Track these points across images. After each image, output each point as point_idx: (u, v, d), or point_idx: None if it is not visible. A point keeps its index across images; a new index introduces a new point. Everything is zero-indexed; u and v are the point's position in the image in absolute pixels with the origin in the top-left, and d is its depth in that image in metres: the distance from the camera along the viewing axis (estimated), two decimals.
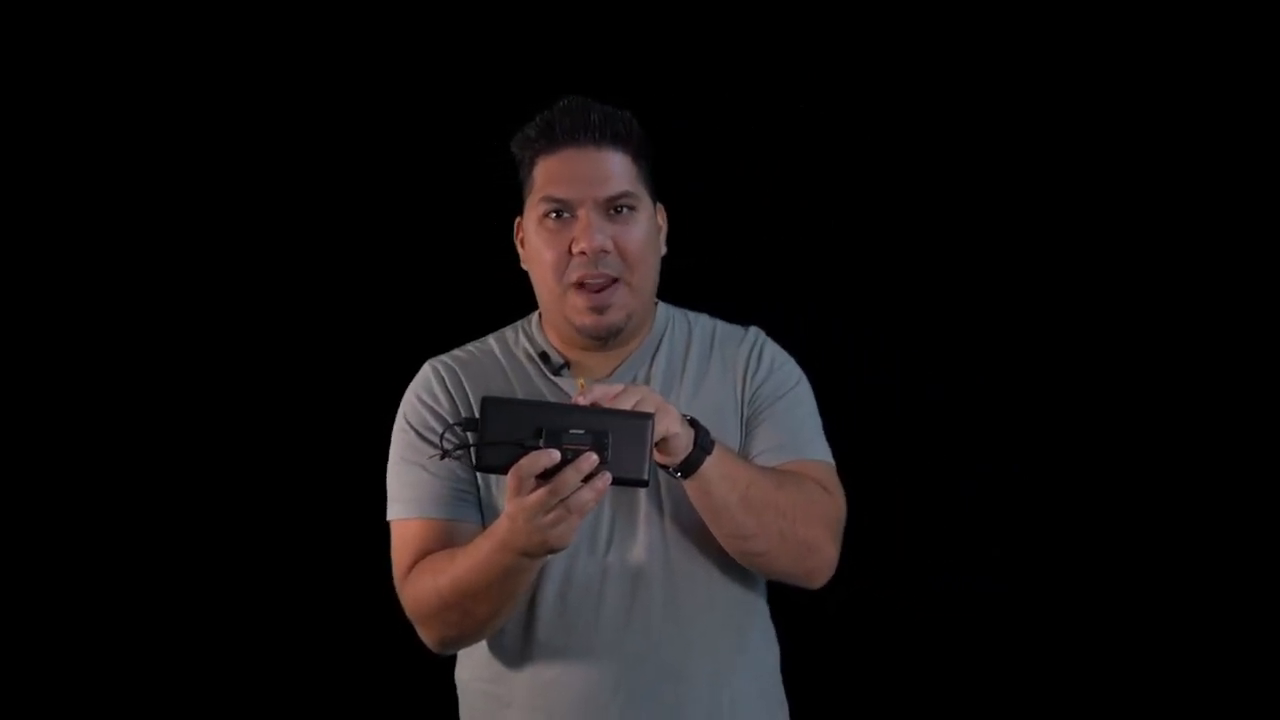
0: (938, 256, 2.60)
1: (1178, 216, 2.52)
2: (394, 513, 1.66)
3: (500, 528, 1.44)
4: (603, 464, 1.36)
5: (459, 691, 1.73)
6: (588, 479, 1.36)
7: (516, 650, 1.63)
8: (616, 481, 1.37)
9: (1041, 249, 2.57)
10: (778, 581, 1.66)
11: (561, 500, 1.36)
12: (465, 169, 2.48)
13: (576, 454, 1.35)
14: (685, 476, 1.50)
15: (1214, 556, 2.51)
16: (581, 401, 1.39)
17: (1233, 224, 2.51)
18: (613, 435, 1.36)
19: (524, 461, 1.35)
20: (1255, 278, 2.50)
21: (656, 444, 1.42)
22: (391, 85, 2.60)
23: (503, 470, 1.38)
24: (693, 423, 1.49)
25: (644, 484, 1.40)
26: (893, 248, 2.61)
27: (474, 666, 1.68)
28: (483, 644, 1.65)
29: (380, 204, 2.62)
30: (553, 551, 1.43)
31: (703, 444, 1.48)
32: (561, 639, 1.61)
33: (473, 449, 1.39)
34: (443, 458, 1.47)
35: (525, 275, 1.69)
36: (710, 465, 1.49)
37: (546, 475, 1.36)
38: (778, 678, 1.74)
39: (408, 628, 1.64)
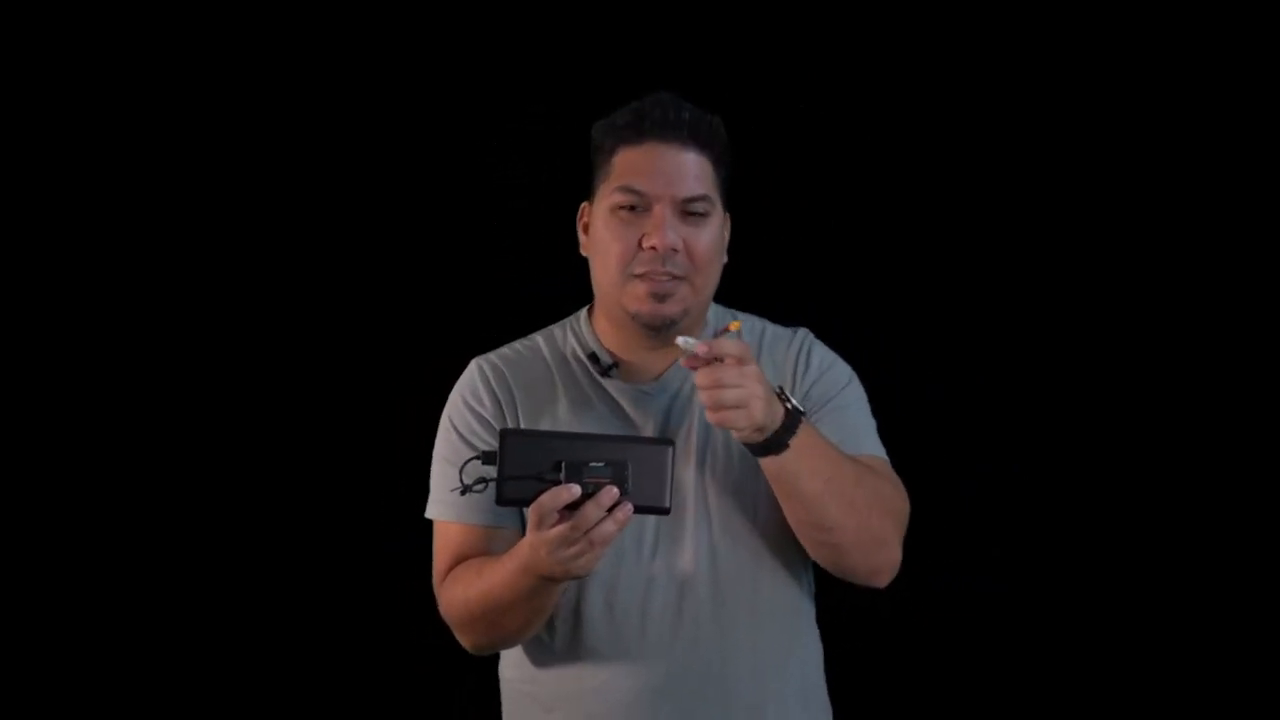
0: (938, 257, 2.60)
1: (1177, 216, 2.54)
2: (433, 512, 1.65)
3: (523, 553, 1.45)
4: (623, 495, 1.37)
5: (502, 689, 1.71)
6: (609, 510, 1.36)
7: (561, 655, 1.62)
8: (638, 510, 1.38)
9: (1041, 249, 2.58)
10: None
11: (584, 534, 1.37)
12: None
13: (597, 487, 1.36)
14: (764, 454, 1.47)
15: (1214, 556, 2.53)
16: (697, 349, 1.40)
17: (1233, 224, 2.53)
18: (632, 465, 1.38)
19: (544, 498, 1.36)
20: (1255, 278, 2.53)
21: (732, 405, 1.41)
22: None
23: (524, 504, 1.39)
24: (786, 404, 1.47)
25: (665, 512, 1.41)
26: (893, 248, 2.60)
27: (518, 667, 1.67)
28: (527, 645, 1.63)
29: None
30: (576, 578, 1.44)
31: (789, 425, 1.46)
32: (607, 646, 1.59)
33: (493, 483, 1.40)
34: (463, 493, 1.47)
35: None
36: (790, 456, 1.46)
37: (568, 508, 1.36)
38: (822, 682, 1.72)
39: None
